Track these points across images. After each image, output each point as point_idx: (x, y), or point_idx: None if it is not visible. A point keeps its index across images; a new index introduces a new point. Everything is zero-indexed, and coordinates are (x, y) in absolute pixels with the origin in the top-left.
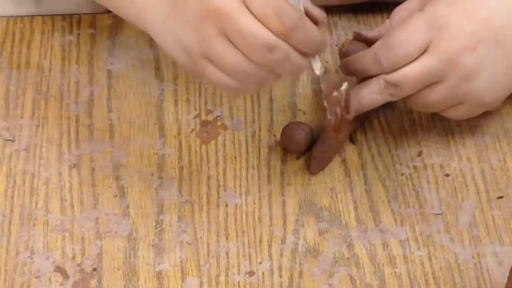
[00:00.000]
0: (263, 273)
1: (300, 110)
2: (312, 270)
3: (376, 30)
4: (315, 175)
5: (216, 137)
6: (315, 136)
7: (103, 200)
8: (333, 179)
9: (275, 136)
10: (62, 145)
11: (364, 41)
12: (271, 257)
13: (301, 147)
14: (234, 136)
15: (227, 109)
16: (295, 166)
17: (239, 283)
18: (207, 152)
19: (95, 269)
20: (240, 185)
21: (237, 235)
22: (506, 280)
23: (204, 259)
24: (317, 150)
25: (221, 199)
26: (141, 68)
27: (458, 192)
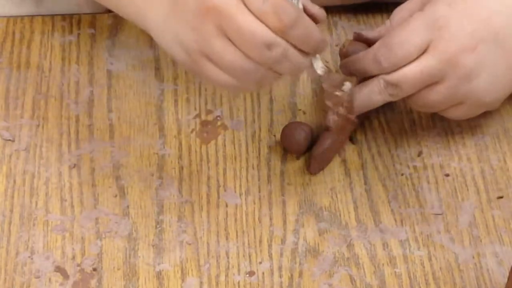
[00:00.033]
0: (263, 273)
1: (300, 110)
2: (312, 270)
3: (376, 30)
4: (315, 175)
5: (216, 137)
6: (315, 136)
7: (103, 200)
8: (333, 179)
9: (275, 136)
10: (62, 145)
11: (365, 41)
12: (271, 257)
13: (301, 147)
14: (234, 136)
15: (227, 109)
16: (295, 166)
17: (239, 283)
18: (207, 152)
19: (95, 269)
20: (240, 185)
21: (237, 235)
22: (506, 280)
23: (204, 259)
24: (317, 150)
25: (221, 199)
26: (141, 68)
27: (458, 192)
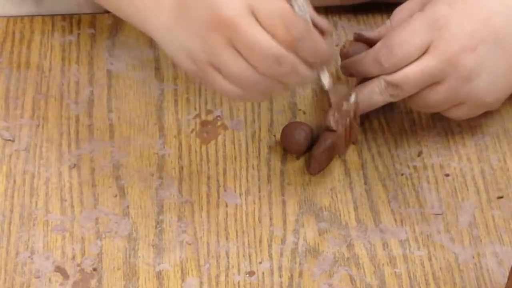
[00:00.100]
0: (263, 273)
1: (300, 110)
2: (312, 270)
3: (377, 30)
4: (315, 175)
5: (216, 137)
6: (315, 136)
7: (103, 200)
8: (333, 179)
9: (275, 136)
10: (62, 145)
11: (365, 41)
12: (271, 257)
13: (301, 147)
14: (234, 136)
15: (227, 109)
16: (295, 166)
17: (239, 283)
18: (207, 152)
19: (95, 269)
20: (240, 185)
21: (237, 235)
22: (506, 280)
23: (204, 259)
24: (317, 150)
25: (221, 199)
26: (141, 68)
27: (458, 192)
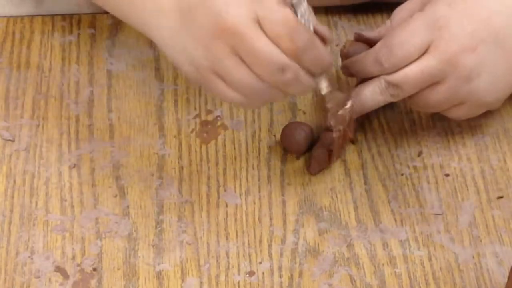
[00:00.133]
0: (263, 273)
1: (300, 110)
2: (312, 270)
3: (377, 30)
4: (315, 175)
5: (216, 137)
6: (315, 136)
7: (103, 200)
8: (333, 179)
9: (275, 136)
10: (62, 145)
11: (365, 41)
12: (271, 257)
13: (301, 147)
14: (234, 136)
15: (227, 109)
16: (295, 166)
17: (239, 283)
18: (207, 152)
19: (95, 269)
20: (240, 185)
21: (237, 235)
22: (506, 280)
23: (204, 259)
24: (317, 150)
25: (221, 199)
26: (141, 68)
27: (458, 192)
